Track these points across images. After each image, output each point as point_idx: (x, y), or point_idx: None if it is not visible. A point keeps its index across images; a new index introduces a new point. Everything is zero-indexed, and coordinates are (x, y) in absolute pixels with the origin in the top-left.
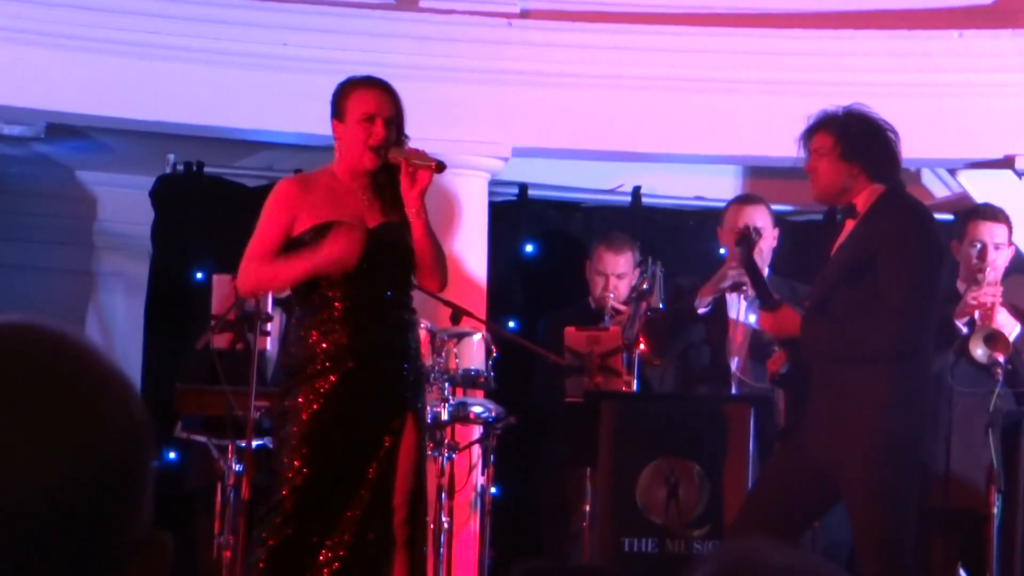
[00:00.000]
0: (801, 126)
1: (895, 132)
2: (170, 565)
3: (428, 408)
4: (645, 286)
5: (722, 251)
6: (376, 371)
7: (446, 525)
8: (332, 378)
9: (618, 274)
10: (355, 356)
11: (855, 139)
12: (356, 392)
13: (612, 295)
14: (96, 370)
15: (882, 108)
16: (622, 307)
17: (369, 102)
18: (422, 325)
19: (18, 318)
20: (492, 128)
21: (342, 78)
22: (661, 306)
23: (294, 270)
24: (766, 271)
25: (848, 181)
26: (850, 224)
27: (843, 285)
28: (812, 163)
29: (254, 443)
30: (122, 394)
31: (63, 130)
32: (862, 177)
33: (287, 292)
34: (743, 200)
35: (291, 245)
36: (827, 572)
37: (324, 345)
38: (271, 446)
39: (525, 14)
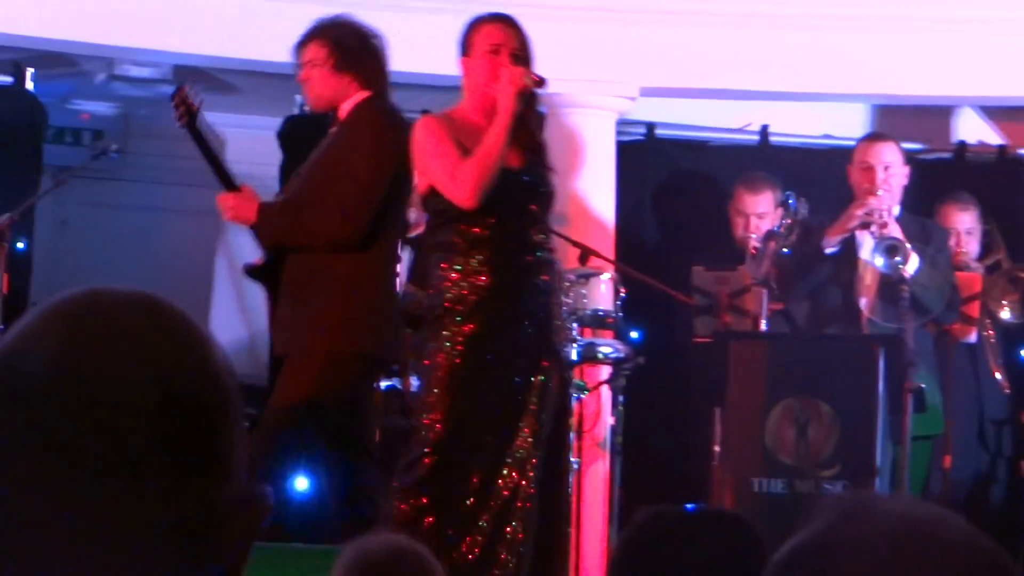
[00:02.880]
0: (933, 62)
1: (383, 41)
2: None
3: None
4: (779, 224)
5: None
6: (522, 314)
7: (575, 466)
8: (475, 323)
9: (758, 213)
10: (501, 298)
11: (348, 50)
12: (502, 335)
13: (754, 235)
14: (181, 329)
15: (1013, 43)
16: (763, 246)
17: (495, 34)
18: None
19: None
20: (618, 68)
21: (468, 18)
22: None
23: (496, 137)
24: (897, 208)
25: (341, 90)
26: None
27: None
28: (306, 73)
29: (382, 384)
30: (206, 352)
31: (191, 72)
32: (353, 86)
33: (418, 230)
34: (872, 137)
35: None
36: (943, 519)
37: (466, 289)
38: (399, 387)
39: None
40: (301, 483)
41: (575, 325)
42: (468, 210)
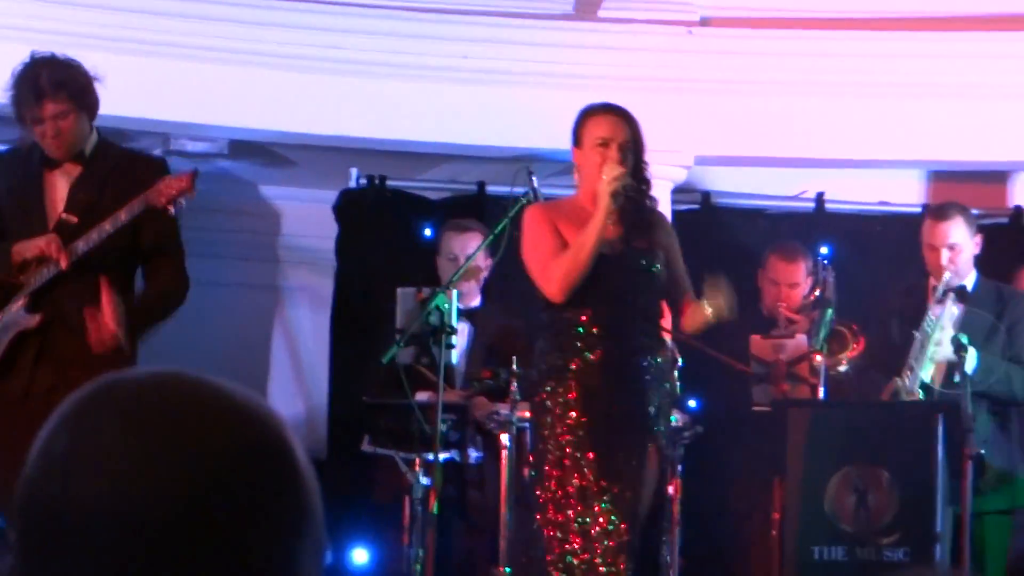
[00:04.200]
0: (988, 128)
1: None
2: None
3: None
4: (817, 293)
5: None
6: (624, 396)
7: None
8: (577, 406)
9: (791, 283)
10: (602, 381)
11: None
12: (603, 417)
13: (785, 304)
14: (220, 402)
15: None
16: (795, 316)
17: (604, 127)
18: None
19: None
20: (674, 136)
21: (522, 89)
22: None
23: (588, 237)
24: (973, 276)
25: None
26: None
27: None
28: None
29: (441, 456)
30: (246, 425)
31: (246, 146)
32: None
33: (473, 302)
34: (935, 216)
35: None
36: None
37: (568, 372)
38: (458, 459)
39: (705, 22)
40: (360, 555)
41: None
42: (562, 300)
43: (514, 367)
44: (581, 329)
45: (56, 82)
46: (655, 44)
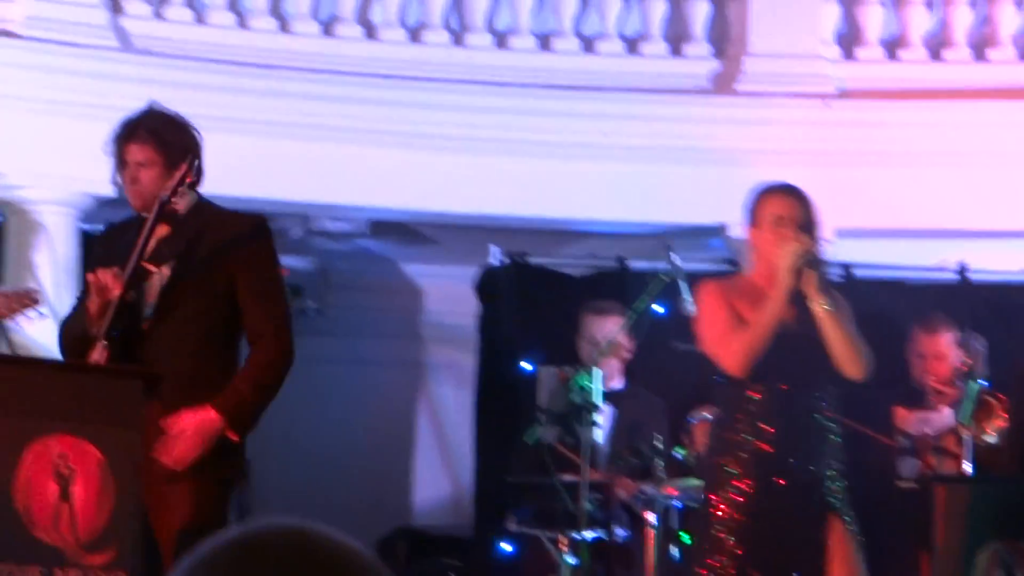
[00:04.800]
0: None
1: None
2: None
3: None
4: (964, 364)
5: None
6: (798, 472)
7: None
8: (751, 482)
9: (936, 355)
10: (776, 457)
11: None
12: (777, 493)
13: (933, 376)
14: (332, 557)
15: None
16: (944, 388)
17: (780, 206)
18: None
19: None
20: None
21: (664, 164)
22: (986, 383)
23: (769, 313)
24: None
25: None
26: None
27: None
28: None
29: (587, 535)
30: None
31: (387, 225)
32: None
33: (615, 383)
34: None
35: None
36: None
37: (741, 448)
38: (604, 537)
39: (842, 94)
40: None
41: None
42: (740, 375)
43: (658, 445)
44: (755, 405)
45: (150, 130)
46: (792, 117)
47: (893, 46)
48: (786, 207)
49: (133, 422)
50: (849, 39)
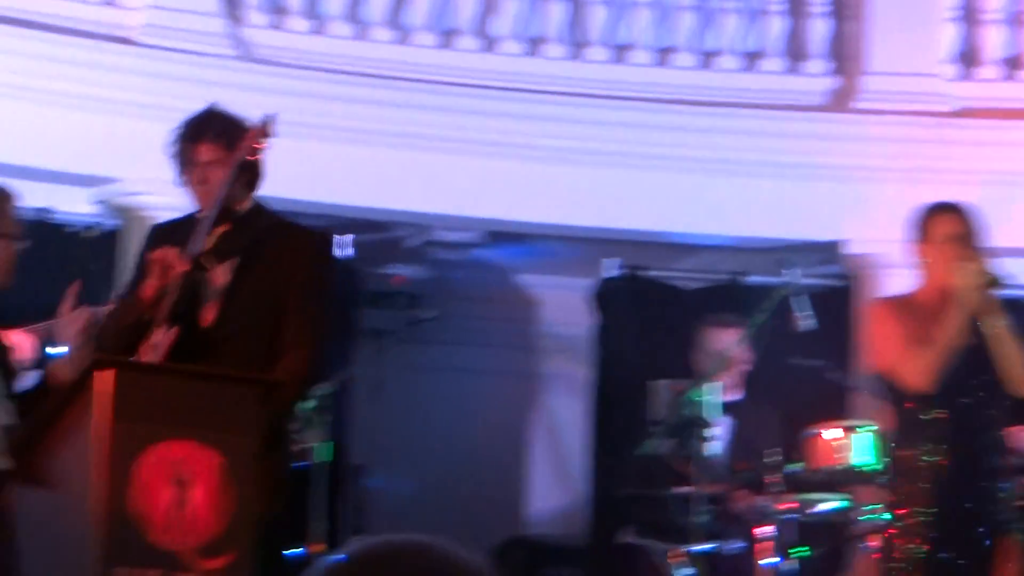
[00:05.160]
0: None
1: None
2: None
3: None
4: None
5: None
6: (969, 488)
7: None
8: (924, 503)
9: None
10: (951, 478)
11: None
12: (950, 514)
13: None
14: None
15: None
16: None
17: (952, 224)
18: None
19: (408, 539)
20: None
21: (780, 180)
22: None
23: (951, 330)
24: None
25: None
26: None
27: None
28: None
29: (700, 547)
30: None
31: (504, 235)
32: None
33: (736, 395)
34: None
35: None
36: None
37: (921, 461)
38: (717, 550)
39: (960, 113)
40: None
41: None
42: (920, 393)
43: (773, 459)
44: (930, 424)
45: (219, 131)
46: (909, 135)
47: (1011, 65)
48: (958, 225)
49: (252, 428)
50: (967, 58)
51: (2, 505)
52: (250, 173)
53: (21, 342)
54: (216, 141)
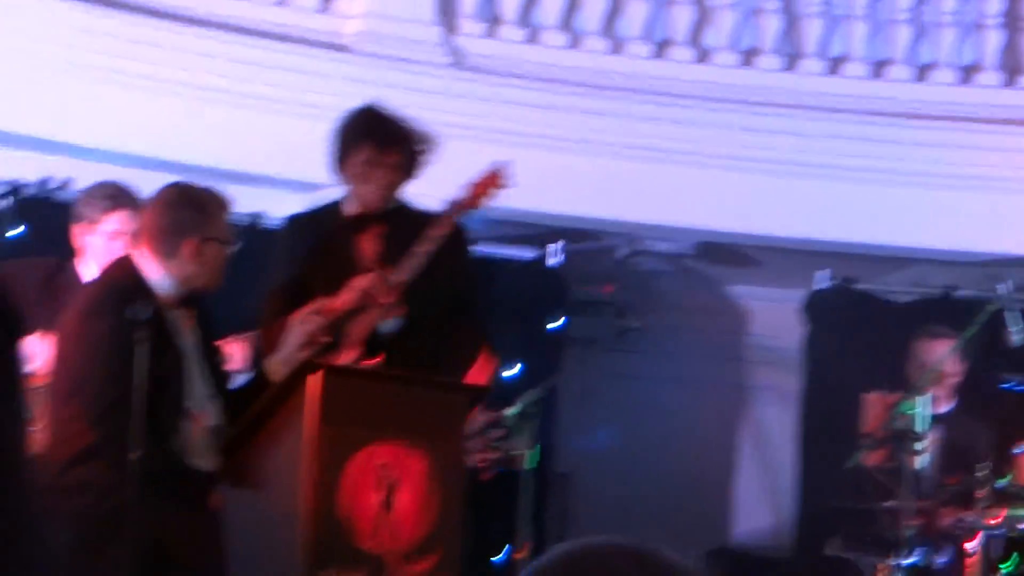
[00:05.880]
0: None
1: None
2: None
3: None
4: None
5: None
6: None
7: None
8: None
9: None
10: None
11: None
12: None
13: None
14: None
15: None
16: None
17: None
18: None
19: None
20: None
21: (992, 193)
22: None
23: None
24: None
25: None
26: None
27: None
28: None
29: (906, 561)
30: None
31: (713, 247)
32: None
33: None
34: None
35: None
36: None
37: None
38: (924, 564)
39: None
40: None
41: None
42: None
43: (983, 473)
44: None
45: (404, 136)
46: None
47: None
48: None
49: (458, 433)
50: None
51: (212, 505)
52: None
53: (234, 351)
54: (403, 147)
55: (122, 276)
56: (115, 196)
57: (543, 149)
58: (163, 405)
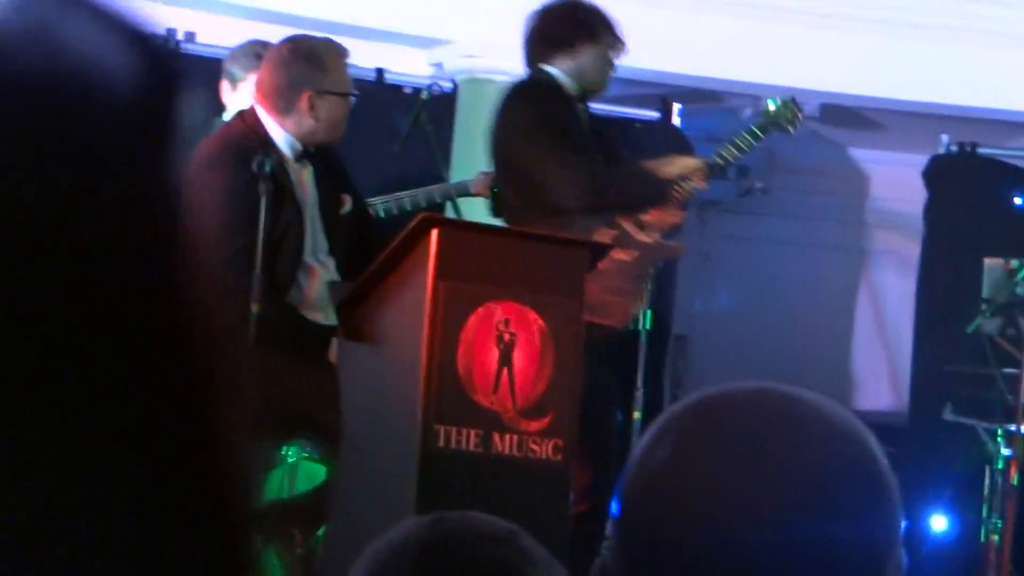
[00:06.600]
0: None
1: None
2: None
3: None
4: None
5: None
6: None
7: None
8: None
9: None
10: None
11: None
12: None
13: None
14: (813, 419)
15: None
16: None
17: None
18: None
19: (752, 387)
20: None
21: None
22: None
23: None
24: None
25: None
26: None
27: None
28: None
29: (1021, 427)
30: (839, 442)
31: (836, 110)
32: None
33: None
34: None
35: None
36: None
37: None
38: None
39: None
40: (938, 522)
41: None
42: None
43: None
44: None
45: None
46: None
47: None
48: None
49: (576, 292)
50: None
51: (328, 360)
52: None
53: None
54: (618, 40)
55: (243, 129)
56: (260, 55)
57: (666, 7)
58: (281, 259)
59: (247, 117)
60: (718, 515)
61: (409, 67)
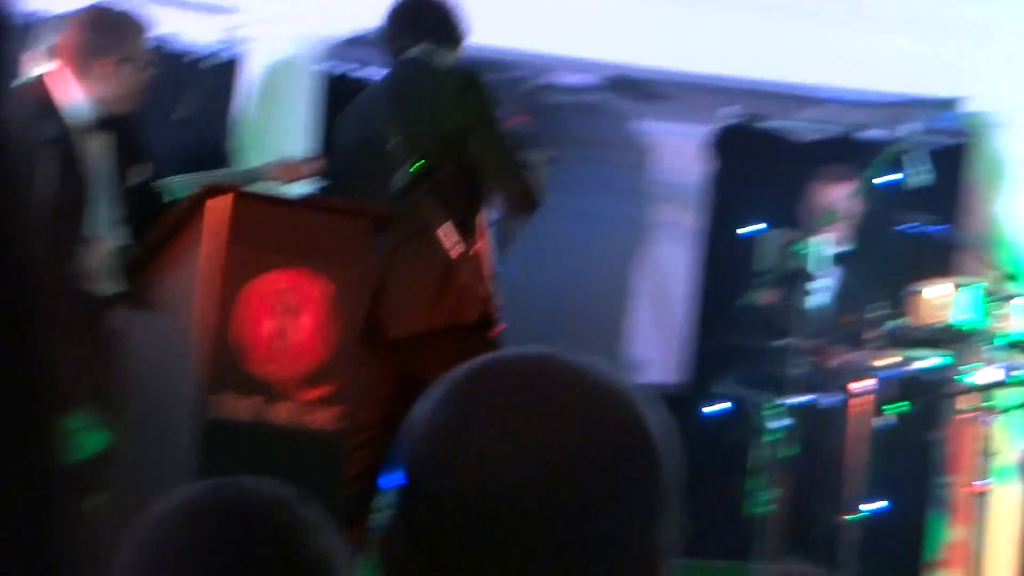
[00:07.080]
0: None
1: None
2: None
3: None
4: None
5: None
6: None
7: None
8: None
9: None
10: None
11: None
12: None
13: None
14: (588, 384)
15: None
16: None
17: None
18: None
19: (535, 351)
20: None
21: (899, 34)
22: None
23: None
24: None
25: None
26: None
27: None
28: None
29: (796, 400)
30: (613, 406)
31: (620, 80)
32: None
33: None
34: None
35: None
36: None
37: None
38: (812, 404)
39: None
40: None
41: None
42: None
43: (876, 314)
44: None
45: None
46: None
47: None
48: None
49: (360, 258)
50: None
51: (112, 327)
52: None
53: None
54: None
55: (28, 96)
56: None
57: None
58: (61, 227)
59: (35, 84)
60: (491, 477)
61: (196, 34)
